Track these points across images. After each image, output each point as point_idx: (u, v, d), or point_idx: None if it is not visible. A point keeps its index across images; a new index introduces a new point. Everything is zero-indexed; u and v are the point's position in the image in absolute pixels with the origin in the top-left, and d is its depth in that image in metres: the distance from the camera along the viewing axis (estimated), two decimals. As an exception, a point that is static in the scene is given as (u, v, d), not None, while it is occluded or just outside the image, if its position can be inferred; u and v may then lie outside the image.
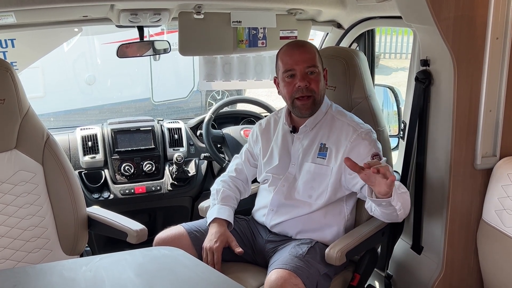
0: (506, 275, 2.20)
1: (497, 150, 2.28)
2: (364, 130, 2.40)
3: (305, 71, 2.38)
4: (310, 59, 2.40)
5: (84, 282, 1.85)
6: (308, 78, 2.38)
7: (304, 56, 2.40)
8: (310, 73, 2.39)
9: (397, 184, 2.20)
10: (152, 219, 3.46)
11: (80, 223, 2.62)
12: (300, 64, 2.38)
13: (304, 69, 2.38)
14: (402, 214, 2.21)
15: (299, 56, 2.40)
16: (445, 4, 2.06)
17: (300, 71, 2.38)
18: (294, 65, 2.39)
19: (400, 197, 2.14)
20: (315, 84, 2.40)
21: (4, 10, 2.62)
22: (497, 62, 2.18)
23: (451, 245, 2.34)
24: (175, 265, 1.99)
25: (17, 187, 2.51)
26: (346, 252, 2.23)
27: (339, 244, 2.25)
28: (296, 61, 2.39)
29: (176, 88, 7.56)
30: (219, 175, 2.88)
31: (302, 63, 2.38)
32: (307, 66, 2.38)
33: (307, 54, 2.41)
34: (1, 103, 2.46)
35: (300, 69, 2.38)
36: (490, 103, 2.22)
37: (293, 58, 2.41)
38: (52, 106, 6.45)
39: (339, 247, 2.23)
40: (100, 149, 3.35)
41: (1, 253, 2.45)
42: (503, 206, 2.18)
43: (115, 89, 7.44)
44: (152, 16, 2.91)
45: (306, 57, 2.40)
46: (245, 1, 2.92)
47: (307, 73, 2.39)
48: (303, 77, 2.38)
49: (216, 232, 2.43)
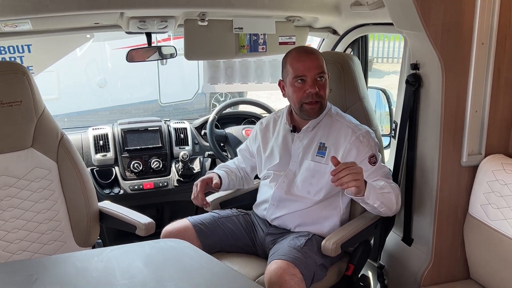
0: (490, 265, 2.21)
1: (483, 148, 2.28)
2: (362, 132, 2.40)
3: (315, 78, 2.37)
4: (320, 66, 2.39)
5: (96, 272, 1.86)
6: (318, 85, 2.37)
7: (315, 63, 2.39)
8: (319, 77, 2.38)
9: (381, 184, 2.24)
10: (159, 213, 3.46)
11: (92, 216, 2.63)
12: (312, 71, 2.37)
13: (315, 75, 2.37)
14: (386, 211, 2.25)
15: (310, 63, 2.38)
16: (434, 12, 2.06)
17: (311, 78, 2.37)
18: (306, 71, 2.37)
19: (380, 196, 2.19)
20: (323, 90, 2.40)
21: (21, 18, 2.63)
22: (482, 65, 2.18)
23: (439, 237, 2.34)
24: (181, 256, 1.99)
25: (33, 183, 2.52)
26: (341, 244, 2.24)
27: (335, 237, 2.26)
28: (308, 67, 2.37)
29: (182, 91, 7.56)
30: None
31: (314, 70, 2.37)
32: (318, 72, 2.37)
33: (317, 61, 2.40)
34: (18, 105, 2.47)
35: (311, 75, 2.37)
36: (476, 104, 2.22)
37: (305, 64, 2.38)
38: (66, 107, 6.45)
39: (335, 239, 2.23)
40: (111, 147, 3.35)
41: (18, 245, 2.46)
42: (488, 200, 2.18)
43: (124, 91, 7.45)
44: (159, 23, 2.92)
45: (317, 64, 2.39)
46: (246, 9, 2.92)
47: (317, 79, 2.38)
48: (313, 83, 2.37)
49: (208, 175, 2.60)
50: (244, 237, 2.54)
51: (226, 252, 2.50)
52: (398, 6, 2.27)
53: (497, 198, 2.14)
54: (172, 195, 3.33)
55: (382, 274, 2.66)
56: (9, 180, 2.47)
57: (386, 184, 2.26)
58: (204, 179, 2.55)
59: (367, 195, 2.13)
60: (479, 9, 2.09)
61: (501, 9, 2.12)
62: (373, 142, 2.41)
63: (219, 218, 2.55)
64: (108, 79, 7.24)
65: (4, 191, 2.45)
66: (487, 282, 2.26)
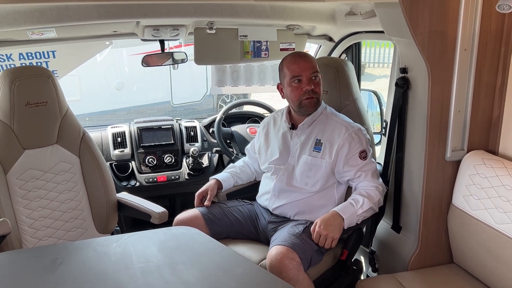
0: (471, 250, 2.20)
1: (465, 144, 2.28)
2: (355, 130, 2.41)
3: (310, 77, 2.40)
4: (313, 66, 2.42)
5: (114, 256, 1.87)
6: (313, 83, 2.40)
7: (309, 64, 2.41)
8: (314, 77, 2.40)
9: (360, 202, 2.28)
10: (172, 203, 3.46)
11: (111, 206, 2.64)
12: (306, 71, 2.39)
13: (310, 75, 2.39)
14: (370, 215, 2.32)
15: (305, 64, 2.41)
16: (421, 21, 2.05)
17: (306, 77, 2.39)
18: (301, 72, 2.39)
19: (360, 215, 2.27)
20: (318, 87, 2.42)
21: (47, 26, 2.63)
22: (465, 69, 2.18)
23: (425, 226, 2.34)
24: (191, 242, 2.00)
25: (58, 176, 2.54)
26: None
27: (330, 225, 2.25)
28: (302, 68, 2.40)
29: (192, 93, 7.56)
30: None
31: (308, 70, 2.39)
32: (312, 72, 2.40)
33: (311, 62, 2.43)
34: (44, 105, 2.48)
35: (306, 75, 2.39)
36: (459, 104, 2.21)
37: (300, 66, 2.41)
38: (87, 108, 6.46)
39: (330, 227, 2.23)
40: (128, 144, 3.36)
41: (44, 231, 2.48)
42: (469, 192, 2.18)
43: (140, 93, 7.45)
44: (171, 31, 2.92)
45: (310, 65, 2.41)
46: (250, 18, 2.91)
47: (312, 78, 2.40)
48: (309, 81, 2.39)
49: (207, 185, 2.62)
50: (248, 225, 2.54)
51: (232, 238, 2.50)
52: (389, 16, 2.27)
53: (477, 190, 2.14)
54: (183, 187, 3.34)
55: (373, 258, 2.66)
56: (36, 173, 2.49)
57: (365, 200, 2.27)
58: (200, 193, 2.59)
59: (348, 225, 2.24)
60: (462, 18, 2.09)
61: (482, 18, 2.11)
62: (364, 139, 2.41)
63: (225, 208, 2.56)
64: (125, 82, 7.24)
65: (31, 183, 2.47)
66: (469, 266, 2.27)
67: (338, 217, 2.22)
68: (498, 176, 2.06)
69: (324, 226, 2.19)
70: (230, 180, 2.69)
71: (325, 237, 2.18)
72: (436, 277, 2.26)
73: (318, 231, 2.19)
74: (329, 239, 2.18)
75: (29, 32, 2.73)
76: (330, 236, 2.17)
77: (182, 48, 4.27)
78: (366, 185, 2.35)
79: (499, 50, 2.18)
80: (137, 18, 2.69)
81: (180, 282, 1.69)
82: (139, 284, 1.68)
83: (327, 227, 2.19)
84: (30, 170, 2.47)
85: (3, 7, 2.41)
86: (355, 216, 2.24)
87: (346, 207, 2.27)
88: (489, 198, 2.08)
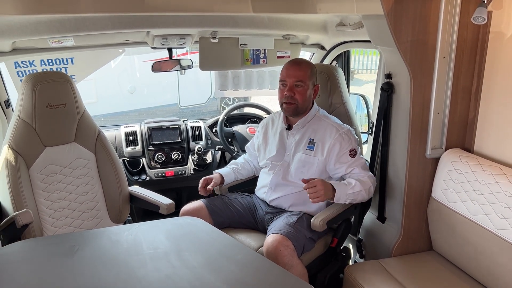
0: (449, 239, 2.21)
1: (443, 143, 2.28)
2: (344, 130, 2.41)
3: (293, 84, 2.39)
4: (300, 75, 2.39)
5: (126, 244, 1.87)
6: (295, 90, 2.39)
7: (296, 72, 2.39)
8: (296, 85, 2.39)
9: (353, 184, 2.28)
10: (178, 195, 3.46)
11: (124, 198, 2.64)
12: (291, 78, 2.39)
13: (293, 82, 2.39)
14: (359, 199, 2.31)
15: (292, 72, 2.40)
16: (404, 31, 2.06)
17: (290, 84, 2.39)
18: (287, 77, 2.40)
19: (351, 195, 2.27)
20: (299, 95, 2.39)
21: (66, 35, 2.64)
22: (443, 75, 2.18)
23: (408, 216, 2.35)
24: (196, 231, 2.00)
25: (76, 171, 2.54)
26: (327, 221, 2.24)
27: (322, 215, 2.26)
28: (289, 75, 2.40)
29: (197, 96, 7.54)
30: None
31: (293, 78, 2.39)
32: (296, 80, 2.38)
33: (299, 71, 2.40)
34: (63, 107, 2.48)
35: (290, 82, 2.39)
36: (438, 107, 2.22)
37: (288, 72, 2.41)
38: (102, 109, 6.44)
39: (322, 217, 2.23)
40: (139, 142, 3.36)
41: (63, 221, 2.48)
42: (447, 186, 2.18)
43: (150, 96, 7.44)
44: (178, 40, 2.92)
45: (297, 74, 2.39)
46: (250, 28, 2.91)
47: (295, 86, 2.39)
48: (290, 88, 2.39)
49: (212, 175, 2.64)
50: (247, 215, 2.54)
51: (233, 227, 2.51)
52: (375, 27, 2.28)
53: (455, 184, 2.14)
54: (189, 181, 3.33)
55: (361, 246, 2.67)
56: (56, 168, 2.48)
57: (357, 183, 2.28)
58: (206, 178, 2.59)
59: (336, 199, 2.25)
60: (441, 29, 2.09)
61: (459, 29, 2.12)
62: (353, 139, 2.41)
63: (227, 200, 2.56)
64: (137, 86, 7.23)
65: (52, 177, 2.47)
66: (447, 253, 2.27)
67: (332, 188, 2.24)
68: (473, 172, 2.07)
69: (321, 184, 2.19)
70: (231, 175, 2.69)
71: (316, 191, 2.17)
72: (417, 263, 2.27)
73: (315, 182, 2.19)
74: (318, 193, 2.18)
75: (49, 41, 2.74)
76: (320, 193, 2.18)
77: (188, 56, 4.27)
78: (359, 174, 2.35)
79: (475, 57, 2.19)
80: (147, 28, 2.70)
81: (185, 267, 1.69)
82: (149, 268, 1.68)
83: (322, 186, 2.19)
84: (50, 165, 2.47)
85: (27, 18, 2.41)
86: (345, 194, 2.25)
87: (340, 184, 2.28)
88: (465, 192, 2.08)
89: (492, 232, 1.93)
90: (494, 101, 2.13)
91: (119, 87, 7.12)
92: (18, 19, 2.42)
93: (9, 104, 2.95)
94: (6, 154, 2.33)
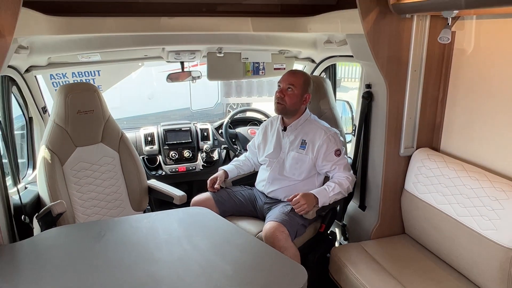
0: (418, 224, 2.22)
1: (414, 143, 2.28)
2: (331, 133, 2.40)
3: (286, 87, 2.40)
4: (292, 81, 2.40)
5: (145, 230, 1.88)
6: (285, 93, 2.40)
7: (290, 78, 2.41)
8: (288, 89, 2.40)
9: (332, 187, 2.28)
10: (189, 188, 3.44)
11: (143, 190, 2.64)
12: (284, 82, 2.41)
13: (285, 86, 2.40)
14: (340, 197, 2.32)
15: (286, 78, 2.42)
16: (381, 49, 2.06)
17: (283, 87, 2.41)
18: (282, 81, 2.43)
19: (332, 198, 2.28)
20: (288, 98, 2.40)
21: (93, 52, 2.65)
22: (415, 86, 2.18)
23: (384, 205, 2.36)
24: (204, 219, 2.01)
25: (102, 167, 2.54)
26: (316, 210, 2.25)
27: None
28: (283, 79, 2.43)
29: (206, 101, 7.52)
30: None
31: (286, 82, 2.41)
32: (288, 84, 2.40)
33: (293, 78, 2.42)
34: (91, 113, 2.48)
35: (284, 85, 2.41)
36: (410, 112, 2.23)
37: (283, 77, 2.44)
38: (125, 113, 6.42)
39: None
40: (156, 142, 3.35)
41: (92, 210, 2.49)
42: (417, 180, 2.19)
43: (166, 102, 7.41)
44: (189, 55, 2.93)
45: (290, 79, 2.41)
46: (251, 45, 2.92)
47: (286, 89, 2.40)
48: (282, 90, 2.41)
49: (217, 173, 2.61)
50: (248, 205, 2.55)
51: (235, 215, 2.51)
52: (357, 44, 2.28)
53: (424, 178, 2.15)
54: (199, 176, 3.32)
55: (345, 230, 2.68)
56: (85, 165, 2.50)
57: (337, 186, 2.29)
58: (212, 179, 2.58)
59: (321, 204, 2.25)
60: (412, 46, 2.10)
61: (428, 46, 2.12)
62: (338, 140, 2.41)
63: (231, 192, 2.56)
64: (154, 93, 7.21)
65: (82, 173, 2.48)
66: (416, 236, 2.29)
67: (314, 197, 2.25)
68: (439, 168, 2.08)
69: (303, 198, 2.21)
70: (234, 171, 2.69)
71: (301, 205, 2.20)
72: (391, 245, 2.28)
73: (298, 199, 2.21)
74: (302, 207, 2.20)
75: (79, 56, 2.75)
76: (304, 206, 2.20)
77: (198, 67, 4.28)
78: (339, 175, 2.36)
79: (441, 71, 2.19)
80: (163, 45, 2.71)
81: (195, 250, 1.71)
82: (164, 251, 1.70)
83: (305, 199, 2.21)
84: (80, 162, 2.48)
85: (61, 37, 2.42)
86: (327, 197, 2.26)
87: (321, 190, 2.28)
88: (432, 185, 2.09)
89: (454, 219, 1.95)
90: (457, 107, 2.14)
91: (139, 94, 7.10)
92: (53, 39, 2.43)
93: (45, 110, 2.96)
94: (44, 153, 2.34)
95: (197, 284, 1.49)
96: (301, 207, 2.20)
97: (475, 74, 2.01)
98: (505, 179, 1.82)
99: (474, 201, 1.86)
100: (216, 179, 2.58)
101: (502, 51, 1.87)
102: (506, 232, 1.71)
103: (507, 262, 1.71)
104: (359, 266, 2.07)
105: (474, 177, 1.89)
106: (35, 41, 2.41)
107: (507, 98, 1.86)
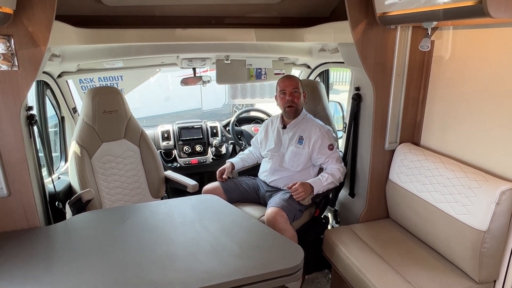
0: (400, 209, 2.22)
1: (398, 139, 2.28)
2: (325, 130, 2.41)
3: (292, 91, 2.39)
4: (294, 85, 2.41)
5: (163, 214, 1.89)
6: (293, 95, 2.39)
7: (292, 83, 2.41)
8: (294, 92, 2.40)
9: (325, 177, 2.28)
10: (201, 178, 3.45)
11: (161, 180, 2.65)
12: (289, 87, 2.40)
13: (291, 90, 2.39)
14: (332, 186, 2.32)
15: (289, 83, 2.42)
16: (369, 55, 2.05)
17: (289, 91, 2.40)
18: (286, 87, 2.41)
19: (326, 186, 2.27)
20: (297, 99, 2.41)
21: (116, 59, 2.66)
22: (398, 89, 2.17)
23: (371, 193, 2.35)
24: (214, 205, 2.01)
25: (125, 160, 2.56)
26: (311, 197, 2.26)
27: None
28: (287, 85, 2.41)
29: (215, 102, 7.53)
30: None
31: (290, 86, 2.40)
32: (293, 88, 2.40)
33: (294, 81, 2.42)
34: (115, 112, 2.49)
35: (289, 90, 2.40)
36: (394, 112, 2.22)
37: (285, 84, 2.42)
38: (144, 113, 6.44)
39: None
40: (171, 138, 3.35)
41: (116, 197, 2.50)
42: (400, 171, 2.19)
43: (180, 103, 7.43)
44: (200, 62, 2.93)
45: (293, 84, 2.41)
46: (254, 53, 2.91)
47: (293, 92, 2.40)
48: (290, 94, 2.39)
49: (225, 165, 2.60)
50: (252, 193, 2.55)
51: (241, 202, 2.52)
52: (347, 52, 2.27)
53: (406, 169, 2.15)
54: (209, 167, 3.33)
55: (337, 215, 2.67)
56: (111, 158, 2.51)
57: (329, 176, 2.29)
58: (220, 170, 2.57)
59: (316, 192, 2.25)
60: (396, 54, 2.09)
61: (410, 54, 2.11)
62: (331, 136, 2.41)
63: (237, 182, 2.57)
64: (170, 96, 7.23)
65: (108, 165, 2.49)
66: (399, 220, 2.28)
67: (310, 185, 2.25)
68: (420, 161, 2.07)
69: (300, 186, 2.22)
70: (240, 163, 2.68)
71: (299, 193, 2.21)
72: (377, 228, 2.28)
73: (297, 187, 2.22)
74: (300, 194, 2.21)
75: (104, 63, 2.76)
76: (301, 194, 2.21)
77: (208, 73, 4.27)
78: (332, 167, 2.36)
79: (421, 75, 2.18)
80: (177, 53, 2.71)
81: (206, 231, 1.71)
82: (179, 232, 1.70)
83: (302, 187, 2.22)
84: (106, 156, 2.49)
85: (88, 47, 2.43)
86: (321, 186, 2.26)
87: (316, 180, 2.29)
88: (413, 175, 2.09)
89: (433, 205, 1.94)
90: (436, 107, 2.13)
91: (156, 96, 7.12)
92: (82, 48, 2.44)
93: (75, 110, 2.97)
94: (74, 148, 2.35)
95: (208, 261, 1.50)
96: (299, 194, 2.21)
97: (451, 78, 2.00)
98: (477, 170, 1.81)
99: (450, 189, 1.86)
100: (224, 170, 2.59)
101: (475, 58, 1.86)
102: (477, 216, 1.71)
103: (478, 242, 1.71)
104: (349, 246, 2.08)
105: (450, 169, 1.89)
106: (66, 50, 2.42)
107: (479, 99, 1.85)
